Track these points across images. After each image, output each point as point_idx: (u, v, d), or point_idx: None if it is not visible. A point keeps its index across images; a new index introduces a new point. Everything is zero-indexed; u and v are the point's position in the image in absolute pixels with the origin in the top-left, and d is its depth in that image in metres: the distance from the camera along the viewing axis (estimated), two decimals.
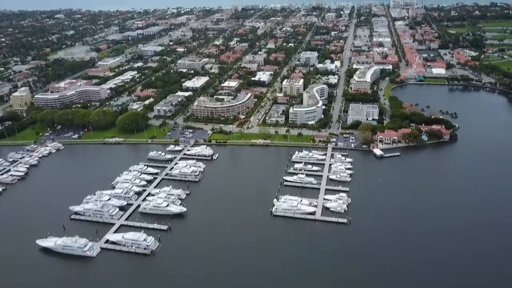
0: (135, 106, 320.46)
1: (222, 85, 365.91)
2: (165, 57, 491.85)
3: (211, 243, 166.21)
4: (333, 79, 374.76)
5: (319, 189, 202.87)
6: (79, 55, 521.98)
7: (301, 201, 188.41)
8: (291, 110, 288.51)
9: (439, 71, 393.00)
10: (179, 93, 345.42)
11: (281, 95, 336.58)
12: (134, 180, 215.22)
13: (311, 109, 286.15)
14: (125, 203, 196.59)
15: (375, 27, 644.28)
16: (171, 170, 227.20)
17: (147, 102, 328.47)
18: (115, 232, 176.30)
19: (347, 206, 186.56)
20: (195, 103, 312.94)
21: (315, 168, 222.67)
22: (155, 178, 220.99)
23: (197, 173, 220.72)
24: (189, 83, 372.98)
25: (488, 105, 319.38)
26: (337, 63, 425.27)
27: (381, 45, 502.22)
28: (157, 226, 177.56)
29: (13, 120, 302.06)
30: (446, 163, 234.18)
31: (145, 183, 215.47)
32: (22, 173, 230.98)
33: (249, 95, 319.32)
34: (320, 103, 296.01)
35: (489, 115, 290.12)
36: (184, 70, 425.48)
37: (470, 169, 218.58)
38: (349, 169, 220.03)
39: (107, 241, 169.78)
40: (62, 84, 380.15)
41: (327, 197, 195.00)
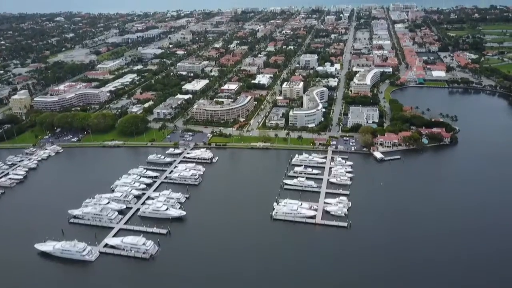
0: (134, 109, 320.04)
1: (222, 88, 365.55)
2: (164, 60, 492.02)
3: (210, 247, 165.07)
4: (333, 82, 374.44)
5: (319, 193, 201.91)
6: (78, 58, 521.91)
7: (301, 204, 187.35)
8: (291, 113, 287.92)
9: (439, 73, 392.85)
10: (179, 96, 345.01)
11: (281, 98, 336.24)
12: (133, 183, 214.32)
13: (311, 112, 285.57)
14: (124, 206, 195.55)
15: (375, 30, 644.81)
16: (170, 173, 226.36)
17: (146, 105, 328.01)
18: (114, 236, 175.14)
19: (347, 209, 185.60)
20: (195, 106, 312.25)
21: (315, 171, 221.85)
22: (155, 181, 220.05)
23: (197, 177, 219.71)
24: (188, 86, 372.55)
25: (488, 107, 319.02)
26: (337, 66, 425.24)
27: (381, 47, 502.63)
28: (156, 230, 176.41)
29: (12, 123, 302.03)
30: (446, 166, 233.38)
31: (145, 186, 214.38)
32: (21, 177, 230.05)
33: (249, 98, 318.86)
34: (320, 106, 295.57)
35: (489, 118, 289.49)
36: (183, 73, 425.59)
37: (470, 172, 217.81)
38: (349, 172, 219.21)
39: (106, 245, 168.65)
40: (61, 87, 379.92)
41: (327, 200, 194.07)
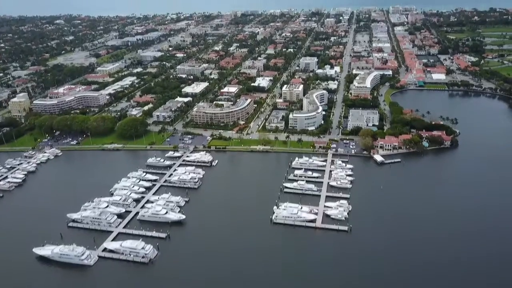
0: (134, 112, 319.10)
1: (221, 90, 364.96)
2: (164, 63, 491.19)
3: (210, 251, 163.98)
4: (333, 85, 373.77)
5: (319, 196, 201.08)
6: (78, 60, 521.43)
7: (301, 208, 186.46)
8: (291, 116, 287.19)
9: (439, 76, 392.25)
10: (179, 98, 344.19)
11: (281, 101, 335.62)
12: (132, 187, 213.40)
13: (311, 115, 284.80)
14: (124, 210, 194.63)
15: (374, 33, 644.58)
16: (170, 176, 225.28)
17: (146, 108, 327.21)
18: (113, 240, 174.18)
19: (348, 213, 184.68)
20: (195, 108, 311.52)
21: (315, 174, 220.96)
22: (154, 185, 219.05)
23: (196, 180, 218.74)
24: (188, 89, 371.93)
25: (488, 110, 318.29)
26: (337, 69, 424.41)
27: (380, 50, 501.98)
28: (155, 234, 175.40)
29: (11, 126, 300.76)
30: (447, 169, 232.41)
31: (144, 190, 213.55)
32: (19, 180, 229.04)
33: (249, 100, 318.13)
34: (320, 108, 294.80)
35: (489, 121, 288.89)
36: (183, 75, 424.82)
37: (471, 175, 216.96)
38: (349, 175, 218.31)
39: (105, 249, 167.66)
40: (61, 89, 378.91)
41: (327, 204, 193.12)
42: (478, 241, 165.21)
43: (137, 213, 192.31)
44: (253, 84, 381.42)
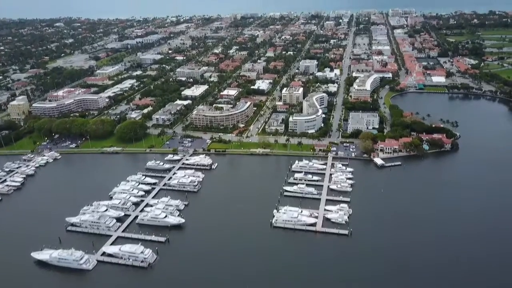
0: (133, 114, 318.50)
1: (221, 93, 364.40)
2: (164, 66, 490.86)
3: (210, 255, 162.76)
4: (333, 88, 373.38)
5: (319, 200, 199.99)
6: (78, 63, 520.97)
7: (301, 212, 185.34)
8: (290, 118, 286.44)
9: (439, 79, 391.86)
10: (178, 101, 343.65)
11: (281, 104, 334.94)
12: (131, 190, 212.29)
13: (311, 118, 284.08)
14: (123, 214, 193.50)
15: (374, 35, 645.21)
16: (169, 180, 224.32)
17: (145, 110, 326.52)
18: (112, 244, 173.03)
19: (348, 217, 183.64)
20: (194, 111, 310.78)
21: (315, 178, 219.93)
22: (153, 188, 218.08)
23: (196, 183, 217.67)
24: (188, 92, 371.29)
25: (488, 113, 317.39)
26: (337, 71, 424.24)
27: (380, 53, 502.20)
28: (154, 238, 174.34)
29: (10, 129, 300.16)
30: (447, 172, 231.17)
31: (143, 193, 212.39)
32: (18, 183, 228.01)
33: (249, 103, 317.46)
34: (320, 111, 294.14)
35: (490, 124, 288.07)
36: (183, 78, 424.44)
37: (471, 179, 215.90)
38: (349, 178, 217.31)
39: (104, 254, 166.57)
40: (60, 92, 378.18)
41: (327, 207, 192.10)
42: (478, 243, 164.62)
43: (136, 217, 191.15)
44: (252, 87, 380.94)
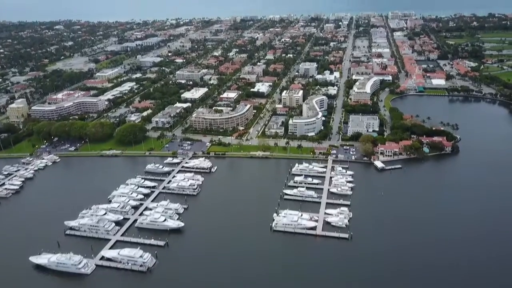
0: (133, 117, 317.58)
1: (221, 96, 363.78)
2: (163, 68, 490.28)
3: (209, 259, 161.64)
4: (333, 90, 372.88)
5: (319, 203, 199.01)
6: (77, 66, 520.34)
7: (301, 215, 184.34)
8: (290, 121, 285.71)
9: (439, 81, 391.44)
10: (178, 104, 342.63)
11: (281, 106, 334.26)
12: (131, 193, 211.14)
13: (310, 121, 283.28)
14: (122, 217, 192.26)
15: (373, 38, 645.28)
16: (168, 183, 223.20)
17: (145, 113, 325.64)
18: (111, 248, 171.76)
19: (348, 220, 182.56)
20: (194, 114, 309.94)
21: (315, 181, 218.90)
22: (152, 191, 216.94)
23: (195, 187, 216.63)
24: (187, 94, 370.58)
25: (489, 116, 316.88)
26: (336, 74, 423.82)
27: (380, 55, 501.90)
28: (154, 242, 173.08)
29: (9, 132, 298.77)
30: (448, 175, 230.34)
31: (142, 197, 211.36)
32: (17, 187, 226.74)
33: (248, 106, 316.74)
34: (319, 114, 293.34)
35: (490, 127, 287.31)
36: (182, 81, 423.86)
37: (472, 182, 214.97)
38: (350, 182, 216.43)
39: (102, 258, 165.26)
40: (59, 95, 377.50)
41: (328, 211, 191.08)
42: (478, 246, 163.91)
43: (135, 221, 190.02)
44: (252, 89, 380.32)
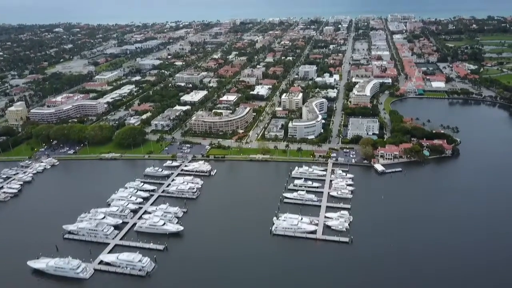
0: (132, 120, 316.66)
1: (220, 99, 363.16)
2: (163, 71, 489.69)
3: (209, 263, 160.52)
4: (332, 93, 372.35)
5: (319, 207, 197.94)
6: (76, 68, 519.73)
7: (301, 219, 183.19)
8: (290, 124, 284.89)
9: (438, 84, 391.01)
10: (177, 107, 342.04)
11: (280, 109, 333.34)
12: (130, 197, 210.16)
13: (310, 124, 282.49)
14: (121, 221, 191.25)
15: (373, 41, 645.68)
16: (168, 186, 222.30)
17: (144, 116, 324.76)
18: (110, 252, 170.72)
19: (348, 224, 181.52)
20: (193, 117, 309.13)
21: (315, 184, 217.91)
22: (152, 195, 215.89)
23: (195, 190, 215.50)
24: (187, 97, 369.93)
25: (489, 119, 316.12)
26: (336, 77, 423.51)
27: (379, 58, 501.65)
28: (153, 246, 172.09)
29: (8, 135, 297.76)
30: (449, 178, 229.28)
31: (141, 200, 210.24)
32: (15, 190, 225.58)
33: (248, 109, 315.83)
34: (319, 117, 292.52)
35: (491, 129, 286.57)
36: (182, 84, 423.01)
37: (472, 185, 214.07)
38: (350, 185, 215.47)
39: (101, 262, 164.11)
40: (58, 98, 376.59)
41: (328, 214, 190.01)
42: (480, 250, 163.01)
43: (134, 224, 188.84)
44: (252, 92, 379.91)
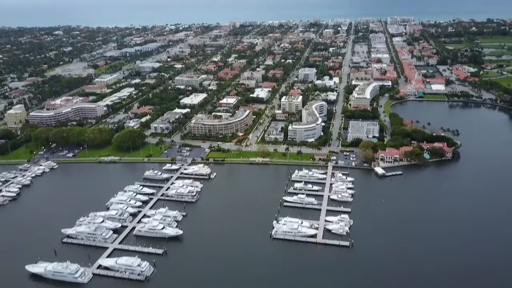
0: (131, 123, 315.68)
1: (220, 102, 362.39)
2: (163, 74, 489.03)
3: (208, 268, 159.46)
4: (332, 96, 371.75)
5: (320, 210, 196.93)
6: (76, 71, 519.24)
7: (301, 223, 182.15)
8: (290, 127, 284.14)
9: (438, 87, 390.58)
10: (177, 110, 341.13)
11: (280, 112, 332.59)
12: (129, 201, 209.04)
13: (310, 127, 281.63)
14: (119, 225, 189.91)
15: (373, 43, 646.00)
16: (167, 190, 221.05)
17: (144, 119, 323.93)
18: (108, 256, 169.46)
19: (349, 228, 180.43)
20: (193, 120, 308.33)
21: (315, 187, 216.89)
22: (151, 198, 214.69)
23: (194, 193, 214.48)
24: (186, 100, 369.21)
25: (489, 121, 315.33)
26: (336, 80, 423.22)
27: (379, 61, 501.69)
28: (152, 250, 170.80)
29: (6, 138, 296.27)
30: (449, 182, 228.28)
31: (140, 204, 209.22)
32: (13, 194, 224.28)
33: (248, 112, 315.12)
34: (319, 120, 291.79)
35: (491, 132, 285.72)
36: (182, 86, 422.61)
37: (473, 188, 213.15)
38: (350, 188, 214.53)
39: (100, 267, 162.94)
40: (58, 101, 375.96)
41: (328, 218, 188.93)
42: (481, 253, 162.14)
43: (134, 228, 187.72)
44: (251, 95, 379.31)
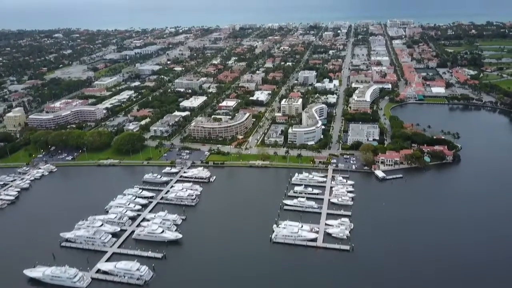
0: (131, 126, 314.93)
1: (220, 104, 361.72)
2: (162, 76, 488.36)
3: (208, 272, 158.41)
4: (332, 99, 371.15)
5: (320, 214, 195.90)
6: (76, 74, 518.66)
7: (301, 227, 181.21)
8: (290, 130, 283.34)
9: (438, 90, 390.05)
10: (176, 113, 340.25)
11: (280, 115, 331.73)
12: (128, 204, 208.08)
13: (310, 129, 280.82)
14: (119, 229, 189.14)
15: (372, 46, 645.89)
16: (166, 193, 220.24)
17: (143, 122, 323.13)
18: (107, 260, 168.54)
19: (349, 231, 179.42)
20: (193, 123, 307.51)
21: (315, 191, 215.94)
22: (150, 202, 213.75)
23: (194, 197, 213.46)
24: (186, 103, 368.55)
25: (489, 124, 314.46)
26: (336, 82, 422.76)
27: (379, 63, 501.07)
28: (151, 254, 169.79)
29: (5, 141, 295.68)
30: (450, 185, 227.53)
31: (140, 207, 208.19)
32: (12, 197, 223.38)
33: (247, 114, 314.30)
34: (319, 123, 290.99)
35: (491, 135, 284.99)
36: (181, 89, 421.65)
37: (474, 191, 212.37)
38: (350, 192, 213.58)
39: (99, 271, 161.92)
40: (57, 104, 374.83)
41: (328, 222, 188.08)
42: (482, 257, 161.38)
43: (133, 232, 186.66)
44: (251, 98, 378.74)
